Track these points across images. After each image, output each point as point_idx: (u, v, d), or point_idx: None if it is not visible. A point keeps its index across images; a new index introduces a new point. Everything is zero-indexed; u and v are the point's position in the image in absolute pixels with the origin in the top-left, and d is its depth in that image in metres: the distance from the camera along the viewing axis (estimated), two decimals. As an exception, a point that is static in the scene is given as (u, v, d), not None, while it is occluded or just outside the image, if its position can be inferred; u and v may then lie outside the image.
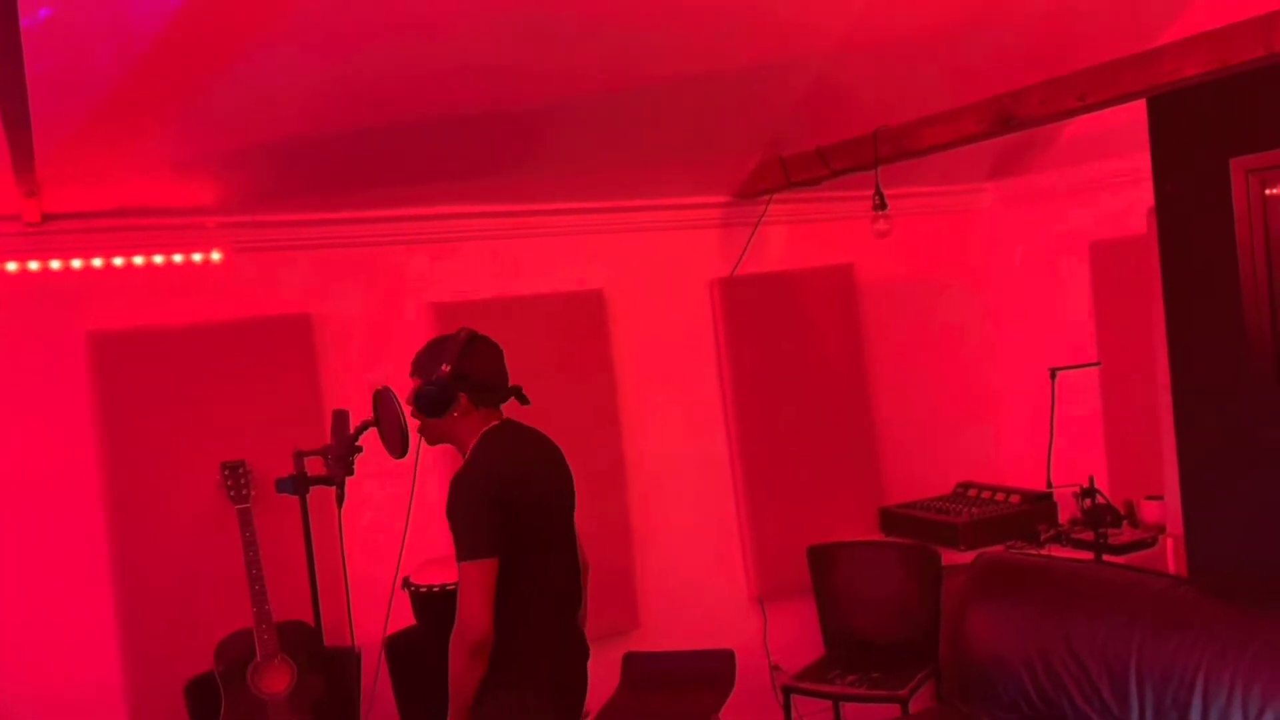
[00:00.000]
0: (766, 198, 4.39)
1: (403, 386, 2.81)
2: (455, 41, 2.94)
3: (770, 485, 4.50)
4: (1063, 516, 4.39)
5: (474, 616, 2.54)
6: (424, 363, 2.72)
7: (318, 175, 3.49)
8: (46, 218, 3.29)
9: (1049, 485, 4.23)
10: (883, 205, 3.73)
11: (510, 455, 2.71)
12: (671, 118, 3.69)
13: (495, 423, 2.74)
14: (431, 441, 2.78)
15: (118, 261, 3.48)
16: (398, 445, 2.72)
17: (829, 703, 4.34)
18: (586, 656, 2.80)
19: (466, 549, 2.55)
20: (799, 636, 4.46)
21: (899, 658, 4.02)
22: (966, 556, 3.80)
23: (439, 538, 3.69)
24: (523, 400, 2.80)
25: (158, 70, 2.76)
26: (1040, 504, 4.38)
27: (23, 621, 3.35)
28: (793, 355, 4.57)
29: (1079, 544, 4.04)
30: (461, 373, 2.65)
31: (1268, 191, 2.80)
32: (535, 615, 2.66)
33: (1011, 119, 3.18)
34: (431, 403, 2.66)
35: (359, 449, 2.85)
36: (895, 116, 3.58)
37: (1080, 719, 2.89)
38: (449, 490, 2.63)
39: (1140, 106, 3.14)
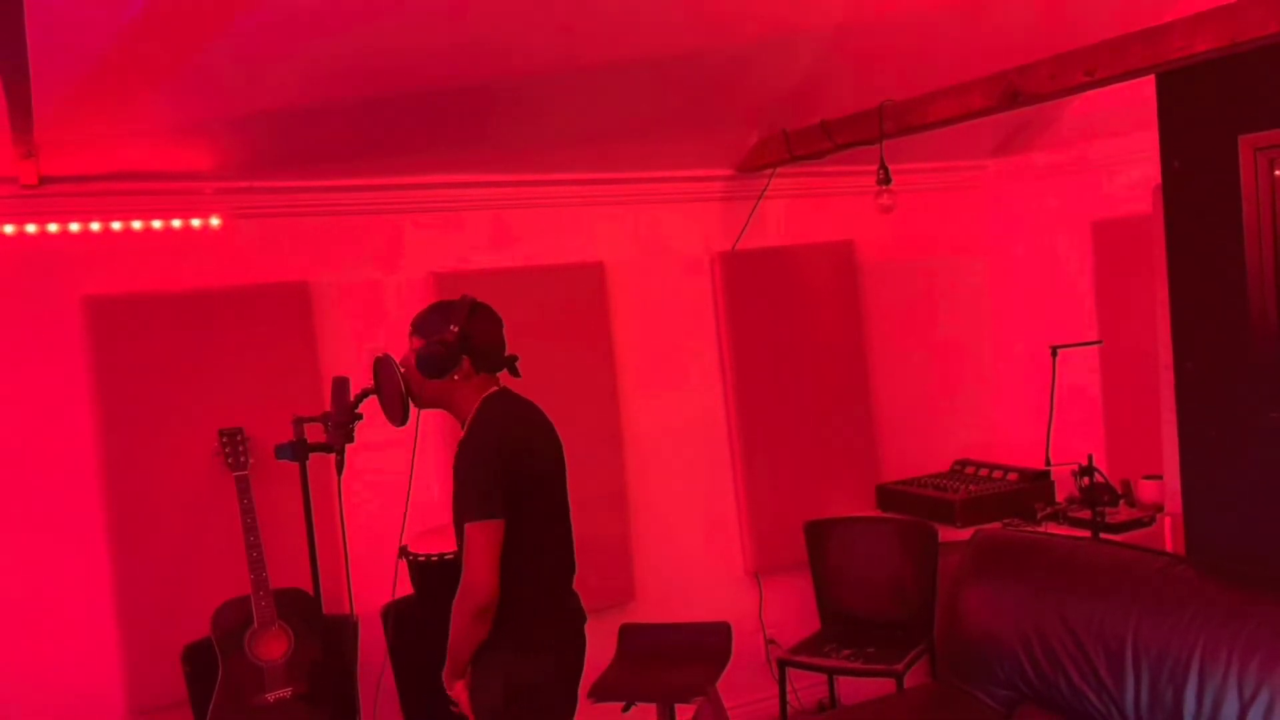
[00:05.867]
0: (769, 172, 4.36)
1: (401, 355, 2.79)
2: (455, 12, 2.91)
3: (768, 460, 4.50)
4: (1060, 495, 4.40)
5: (480, 578, 2.56)
6: (428, 324, 2.72)
7: (318, 142, 3.46)
8: (44, 180, 3.26)
9: (1047, 463, 4.22)
10: (887, 180, 3.70)
11: (516, 422, 2.74)
12: (675, 90, 3.66)
13: (493, 390, 2.76)
14: (421, 406, 2.77)
15: (115, 225, 3.46)
16: (398, 413, 2.71)
17: (824, 676, 4.37)
18: (584, 621, 2.84)
19: (474, 509, 2.57)
20: (794, 611, 4.48)
21: (894, 634, 4.03)
22: (963, 534, 3.80)
23: (437, 507, 3.71)
24: (514, 372, 2.82)
25: (156, 34, 2.72)
26: (1038, 482, 4.39)
27: (20, 588, 3.35)
28: (792, 331, 4.57)
29: (1076, 522, 4.05)
30: (467, 335, 2.67)
31: (1276, 172, 2.78)
32: (535, 580, 2.68)
33: (1018, 94, 3.15)
34: (436, 363, 2.66)
35: (359, 416, 2.84)
36: (901, 91, 3.55)
37: (1076, 696, 2.89)
38: (458, 451, 2.64)
39: (1145, 85, 3.11)
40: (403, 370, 2.72)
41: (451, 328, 2.66)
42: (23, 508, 3.36)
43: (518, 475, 2.62)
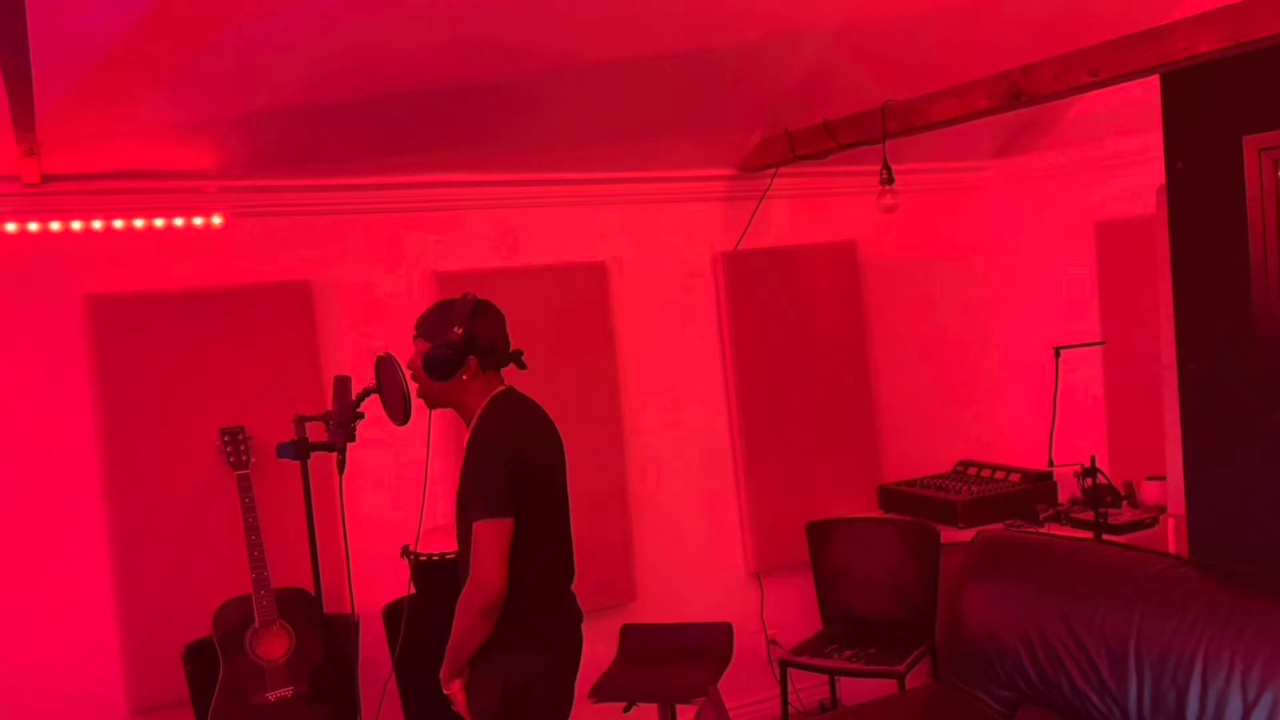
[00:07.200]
0: (771, 172, 4.36)
1: (404, 354, 2.79)
2: (456, 11, 2.90)
3: (770, 460, 4.49)
4: (1063, 496, 4.40)
5: (489, 576, 2.57)
6: (432, 325, 2.72)
7: (320, 141, 3.46)
8: (46, 178, 3.26)
9: (1050, 464, 4.22)
10: (890, 180, 3.70)
11: (523, 420, 2.75)
12: (678, 89, 3.65)
13: (501, 388, 2.77)
14: (432, 405, 2.79)
15: (118, 224, 3.45)
16: (400, 412, 2.71)
17: (825, 677, 4.37)
18: (581, 620, 2.85)
19: (484, 508, 2.58)
20: (796, 612, 4.47)
21: (896, 634, 4.03)
22: (965, 534, 3.79)
23: (437, 507, 3.71)
24: (520, 365, 2.82)
25: (158, 33, 2.72)
26: (1040, 483, 4.38)
27: (20, 587, 3.35)
28: (795, 331, 4.56)
29: (1079, 523, 4.04)
30: (472, 335, 2.67)
31: (1280, 171, 2.77)
32: (536, 579, 2.68)
33: (1022, 94, 3.15)
34: (443, 366, 2.67)
35: (361, 415, 2.84)
36: (904, 91, 3.55)
37: (1078, 697, 2.88)
38: (467, 450, 2.66)
39: (1149, 85, 3.10)
40: (410, 373, 2.73)
41: (456, 330, 2.66)
42: (24, 506, 3.35)
43: (525, 474, 2.63)
